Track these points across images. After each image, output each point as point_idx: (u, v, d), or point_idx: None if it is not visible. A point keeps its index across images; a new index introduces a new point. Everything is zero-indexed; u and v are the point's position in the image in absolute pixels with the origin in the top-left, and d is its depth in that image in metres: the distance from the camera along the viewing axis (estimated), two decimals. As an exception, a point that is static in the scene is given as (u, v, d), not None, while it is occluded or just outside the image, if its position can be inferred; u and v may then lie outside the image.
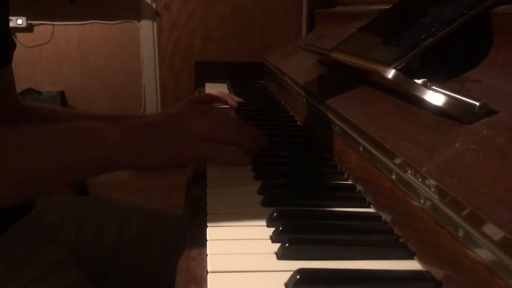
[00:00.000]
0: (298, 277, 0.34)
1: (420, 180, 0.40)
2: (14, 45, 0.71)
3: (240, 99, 1.01)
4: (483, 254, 0.31)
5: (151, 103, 2.98)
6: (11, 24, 2.56)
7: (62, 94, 2.82)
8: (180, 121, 0.58)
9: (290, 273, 0.35)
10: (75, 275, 0.66)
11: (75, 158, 0.51)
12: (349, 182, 0.58)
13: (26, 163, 0.49)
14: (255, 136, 0.64)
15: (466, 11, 0.49)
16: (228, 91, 1.20)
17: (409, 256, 0.41)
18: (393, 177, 0.45)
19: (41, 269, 0.62)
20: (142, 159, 0.54)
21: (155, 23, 2.86)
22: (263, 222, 0.45)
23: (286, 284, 0.35)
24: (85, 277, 0.68)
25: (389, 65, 0.52)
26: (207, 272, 0.36)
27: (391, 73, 0.50)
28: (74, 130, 0.53)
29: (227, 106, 0.98)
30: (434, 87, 0.45)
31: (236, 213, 0.47)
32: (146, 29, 2.86)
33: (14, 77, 0.75)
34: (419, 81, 0.47)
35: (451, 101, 0.42)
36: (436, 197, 0.37)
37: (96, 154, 0.52)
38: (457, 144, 0.39)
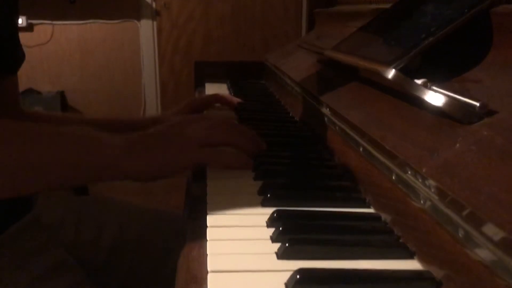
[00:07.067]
0: (298, 277, 0.34)
1: (420, 180, 0.40)
2: (23, 56, 0.71)
3: (238, 99, 1.01)
4: (483, 254, 0.31)
5: (151, 103, 2.98)
6: (11, 24, 2.56)
7: (62, 94, 2.82)
8: (178, 128, 0.58)
9: (290, 273, 0.35)
10: (76, 276, 0.66)
11: (76, 161, 0.51)
12: (349, 182, 0.57)
13: (26, 156, 0.49)
14: (254, 139, 0.64)
15: (466, 11, 0.49)
16: (228, 91, 1.20)
17: (409, 256, 0.41)
18: (393, 177, 0.45)
19: (42, 269, 0.62)
20: (143, 168, 0.54)
21: (155, 23, 2.86)
22: (263, 222, 0.45)
23: (286, 284, 0.35)
24: (86, 278, 0.68)
25: (389, 65, 0.52)
26: (207, 272, 0.36)
27: (391, 73, 0.50)
28: (78, 135, 0.54)
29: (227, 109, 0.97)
30: (434, 87, 0.45)
31: (236, 213, 0.47)
32: (146, 29, 2.86)
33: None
34: (419, 81, 0.47)
35: (451, 101, 0.42)
36: (436, 197, 0.37)
37: (97, 161, 0.52)
38: (457, 145, 0.39)
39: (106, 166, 0.53)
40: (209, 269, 0.37)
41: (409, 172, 0.42)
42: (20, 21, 2.64)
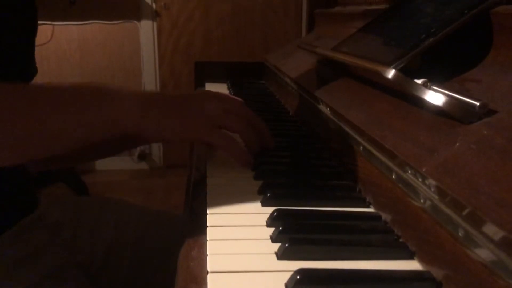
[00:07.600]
0: (298, 277, 0.34)
1: (420, 180, 0.40)
2: (35, 71, 0.71)
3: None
4: (483, 254, 0.31)
5: (151, 103, 2.97)
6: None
7: (62, 94, 2.83)
8: (198, 101, 0.58)
9: (290, 273, 0.35)
10: (76, 277, 0.66)
11: (88, 115, 0.51)
12: (349, 182, 0.58)
13: (35, 117, 0.49)
14: (264, 135, 0.64)
15: (466, 11, 0.49)
16: (228, 91, 1.20)
17: (409, 256, 0.41)
18: (393, 177, 0.45)
19: (43, 270, 0.62)
20: (153, 129, 0.54)
21: (155, 23, 2.86)
22: (263, 222, 0.45)
23: (286, 284, 0.35)
24: (85, 279, 0.68)
25: (389, 65, 0.52)
26: (207, 272, 0.36)
27: (391, 73, 0.50)
28: (92, 89, 0.53)
29: None
30: (434, 87, 0.45)
31: (236, 213, 0.47)
32: (146, 29, 2.86)
33: None
34: (419, 81, 0.47)
35: (451, 101, 0.42)
36: (436, 197, 0.37)
37: (109, 115, 0.52)
38: (457, 144, 0.39)
39: (119, 119, 0.52)
40: (209, 269, 0.37)
41: (409, 172, 0.42)
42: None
